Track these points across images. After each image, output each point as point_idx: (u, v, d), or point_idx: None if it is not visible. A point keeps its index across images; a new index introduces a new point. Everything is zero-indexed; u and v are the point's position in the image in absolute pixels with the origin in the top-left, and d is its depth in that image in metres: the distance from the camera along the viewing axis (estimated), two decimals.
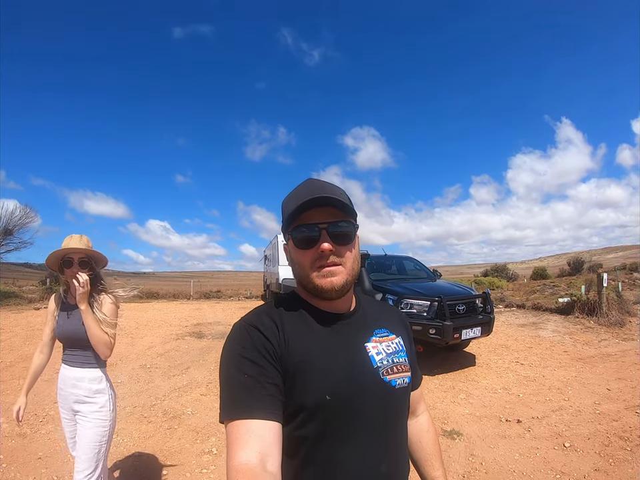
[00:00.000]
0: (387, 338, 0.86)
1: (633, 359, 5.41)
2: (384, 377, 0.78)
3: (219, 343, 7.24)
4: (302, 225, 0.77)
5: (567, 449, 2.94)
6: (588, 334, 7.10)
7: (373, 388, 0.77)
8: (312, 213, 0.77)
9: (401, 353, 0.85)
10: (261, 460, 0.61)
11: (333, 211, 0.77)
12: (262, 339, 0.73)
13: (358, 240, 0.85)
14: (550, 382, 4.57)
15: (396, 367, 0.82)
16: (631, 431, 3.15)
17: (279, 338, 0.74)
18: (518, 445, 3.06)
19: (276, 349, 0.73)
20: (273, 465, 0.62)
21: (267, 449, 0.63)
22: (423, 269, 7.08)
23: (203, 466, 2.82)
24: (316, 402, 0.72)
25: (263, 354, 0.71)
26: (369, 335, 0.83)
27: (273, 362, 0.72)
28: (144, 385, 4.70)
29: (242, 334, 0.75)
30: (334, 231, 0.76)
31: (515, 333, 7.60)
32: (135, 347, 6.97)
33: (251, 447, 0.62)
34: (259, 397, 0.67)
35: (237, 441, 0.63)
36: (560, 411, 3.67)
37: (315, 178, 0.86)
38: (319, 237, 0.76)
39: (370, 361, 0.79)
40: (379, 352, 0.81)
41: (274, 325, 0.76)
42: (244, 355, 0.71)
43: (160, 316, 11.72)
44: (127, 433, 3.34)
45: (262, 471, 0.60)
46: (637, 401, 3.81)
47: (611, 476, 2.54)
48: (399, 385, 0.80)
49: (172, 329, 8.94)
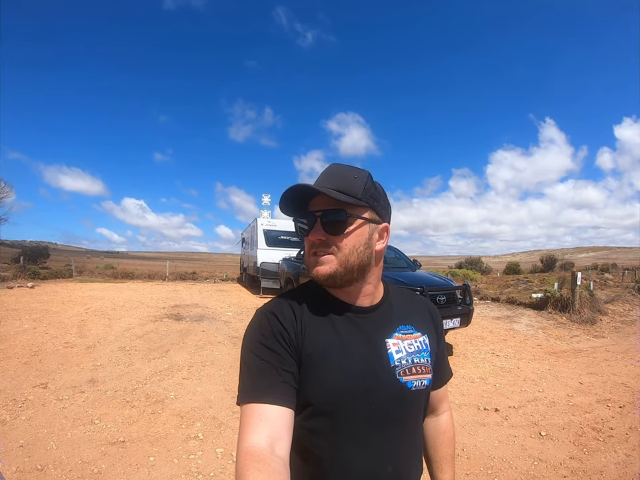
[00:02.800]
0: (411, 336, 0.83)
1: (603, 355, 5.72)
2: (400, 377, 0.77)
3: (198, 326, 7.15)
4: (303, 212, 0.80)
5: (543, 438, 3.09)
6: (560, 329, 7.45)
7: (387, 387, 0.76)
8: (315, 200, 0.78)
9: (423, 353, 0.82)
10: (270, 444, 0.62)
11: (328, 199, 0.75)
12: (280, 327, 0.74)
13: (364, 229, 0.77)
14: (525, 373, 4.78)
15: (415, 367, 0.79)
16: (603, 423, 3.35)
17: (297, 328, 0.75)
18: (497, 433, 3.20)
19: (292, 339, 0.73)
20: (282, 449, 0.63)
21: (277, 434, 0.63)
22: (403, 258, 7.12)
23: (190, 451, 2.79)
24: (325, 396, 0.72)
25: (280, 342, 0.72)
26: (392, 330, 0.81)
27: (290, 350, 0.73)
28: (124, 368, 4.58)
29: (262, 321, 0.76)
30: (326, 219, 0.76)
31: (490, 325, 7.88)
32: (113, 328, 6.77)
33: (261, 431, 0.63)
34: (273, 383, 0.69)
35: (249, 424, 0.64)
36: (535, 402, 3.86)
37: (338, 163, 0.81)
38: (313, 225, 0.77)
39: (388, 358, 0.77)
40: (399, 350, 0.79)
41: (293, 315, 0.76)
42: (262, 342, 0.72)
43: (136, 297, 11.43)
44: (110, 418, 3.25)
45: (270, 454, 0.60)
46: (607, 394, 4.05)
47: (585, 464, 2.70)
48: (415, 387, 0.78)
49: (149, 311, 8.73)
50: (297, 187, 0.75)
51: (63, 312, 8.30)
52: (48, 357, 4.90)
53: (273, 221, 14.24)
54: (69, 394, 3.74)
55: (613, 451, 2.86)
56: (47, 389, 3.86)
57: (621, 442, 3.01)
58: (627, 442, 3.00)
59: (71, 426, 3.09)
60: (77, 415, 3.30)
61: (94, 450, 2.74)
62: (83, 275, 17.86)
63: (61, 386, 3.95)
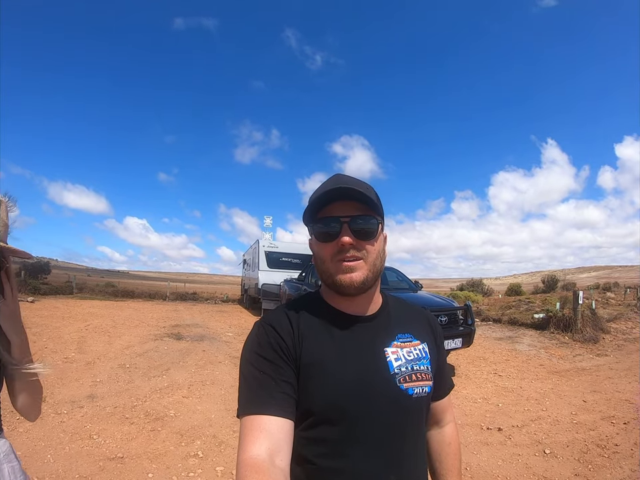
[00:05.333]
0: (410, 344, 0.82)
1: (606, 373, 5.66)
2: (400, 385, 0.76)
3: (199, 345, 7.10)
4: (324, 217, 0.77)
5: (547, 456, 3.05)
6: (563, 349, 7.38)
7: (387, 395, 0.75)
8: (335, 206, 0.76)
9: (423, 361, 0.82)
10: (270, 455, 0.62)
11: (357, 204, 0.75)
12: (277, 338, 0.74)
13: (384, 238, 0.83)
14: (527, 393, 4.72)
15: (415, 374, 0.79)
16: (608, 440, 3.30)
17: (294, 338, 0.75)
18: (500, 452, 3.15)
19: (290, 349, 0.74)
20: (282, 460, 0.63)
21: (276, 445, 0.63)
22: (404, 280, 7.18)
23: (189, 469, 2.75)
24: (325, 406, 0.72)
25: (278, 352, 0.72)
26: (391, 339, 0.81)
27: (288, 361, 0.73)
28: (124, 385, 4.55)
29: (259, 332, 0.76)
30: (355, 225, 0.75)
31: (492, 345, 7.81)
32: (113, 345, 6.73)
33: (261, 442, 0.63)
34: (272, 394, 0.69)
35: (248, 436, 0.64)
36: (539, 420, 3.80)
37: (342, 174, 0.82)
38: (340, 230, 0.74)
39: (387, 366, 0.77)
40: (398, 358, 0.79)
41: (290, 325, 0.76)
42: (259, 353, 0.73)
43: (136, 315, 11.37)
44: (108, 434, 3.22)
45: (270, 466, 0.60)
46: (611, 412, 4.00)
47: None
48: (416, 394, 0.77)
49: (150, 329, 8.68)
50: (341, 191, 0.74)
51: (63, 327, 8.26)
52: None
53: (275, 243, 14.31)
54: (68, 408, 3.72)
55: (619, 467, 2.82)
56: (46, 402, 3.82)
57: (626, 458, 2.97)
58: (632, 457, 2.96)
59: (69, 440, 3.06)
60: (75, 429, 3.28)
61: (92, 465, 2.71)
62: (83, 292, 17.79)
63: (59, 400, 3.93)
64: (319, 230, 0.78)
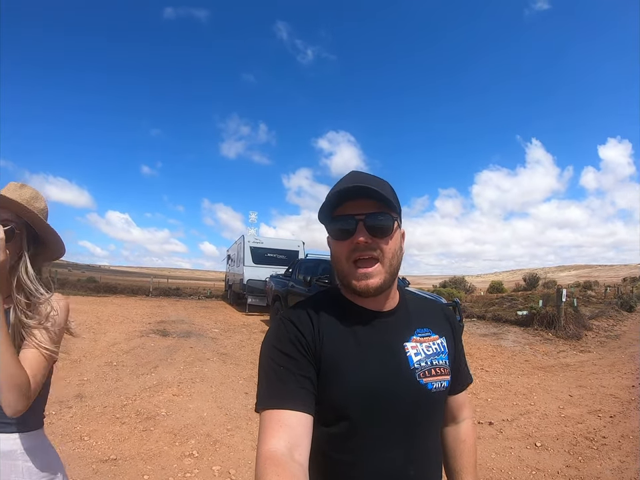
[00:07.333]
0: (429, 338, 0.83)
1: (590, 369, 5.87)
2: (420, 380, 0.77)
3: (186, 342, 6.99)
4: (339, 215, 0.77)
5: (538, 448, 3.14)
6: (547, 345, 7.61)
7: (407, 390, 0.75)
8: (351, 204, 0.76)
9: (441, 355, 0.82)
10: (289, 449, 0.62)
11: (372, 202, 0.75)
12: (297, 333, 0.74)
13: (402, 234, 0.83)
14: (515, 388, 4.84)
15: (434, 369, 0.79)
16: (595, 432, 3.43)
17: (314, 333, 0.75)
18: (493, 445, 3.22)
19: (310, 344, 0.73)
20: (301, 455, 0.63)
21: (296, 439, 0.63)
22: None
23: (185, 470, 2.70)
24: (345, 401, 0.72)
25: (297, 347, 0.72)
26: (410, 333, 0.81)
27: (308, 356, 0.72)
28: (112, 384, 4.42)
29: (279, 327, 0.76)
30: (371, 222, 0.74)
31: (477, 342, 7.97)
32: (99, 342, 6.54)
33: (280, 436, 0.63)
34: (292, 389, 0.69)
35: (268, 430, 0.64)
36: (528, 414, 3.91)
37: (358, 171, 0.83)
38: (356, 228, 0.74)
39: (407, 361, 0.77)
40: (417, 352, 0.79)
41: (310, 321, 0.76)
42: (279, 348, 0.73)
43: (120, 311, 11.08)
44: (100, 435, 3.12)
45: (289, 460, 0.60)
46: (598, 406, 4.15)
47: (582, 471, 2.76)
48: (435, 388, 0.78)
49: (135, 326, 8.48)
50: (357, 189, 0.73)
51: None
52: None
53: (260, 239, 14.22)
54: (56, 409, 3.58)
55: (608, 458, 2.93)
56: None
57: (614, 449, 3.09)
58: (620, 449, 3.08)
59: (59, 442, 2.95)
60: (65, 430, 3.17)
61: (85, 468, 2.62)
62: (65, 287, 17.25)
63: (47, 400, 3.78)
64: (334, 228, 0.78)
